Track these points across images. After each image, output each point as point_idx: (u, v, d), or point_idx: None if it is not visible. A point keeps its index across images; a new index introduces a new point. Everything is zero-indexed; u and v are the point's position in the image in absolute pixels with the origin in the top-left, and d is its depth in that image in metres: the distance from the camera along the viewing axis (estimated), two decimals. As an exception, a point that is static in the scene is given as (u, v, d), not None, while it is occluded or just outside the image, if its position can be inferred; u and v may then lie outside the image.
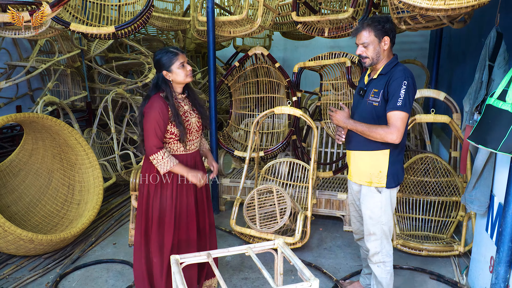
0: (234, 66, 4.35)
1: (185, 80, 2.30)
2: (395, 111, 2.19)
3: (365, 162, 2.39)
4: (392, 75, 2.26)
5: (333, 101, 4.34)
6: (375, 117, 2.31)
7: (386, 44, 2.30)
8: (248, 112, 4.69)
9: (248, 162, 3.60)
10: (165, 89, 2.27)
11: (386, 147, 2.31)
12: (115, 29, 3.07)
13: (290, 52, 8.57)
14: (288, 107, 3.42)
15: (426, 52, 6.96)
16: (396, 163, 2.36)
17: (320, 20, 3.70)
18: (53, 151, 3.80)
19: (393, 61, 2.34)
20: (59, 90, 5.22)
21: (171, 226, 2.36)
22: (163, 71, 2.28)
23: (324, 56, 3.98)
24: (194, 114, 2.41)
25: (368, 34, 2.29)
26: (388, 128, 2.20)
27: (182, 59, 2.28)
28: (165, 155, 2.26)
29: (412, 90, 2.23)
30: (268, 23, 4.27)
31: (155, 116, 2.20)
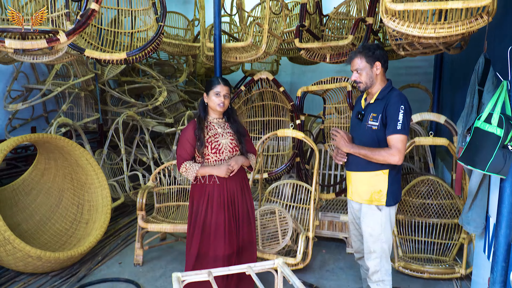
0: (240, 90, 4.52)
1: (215, 108, 2.58)
2: (396, 134, 2.31)
3: (365, 182, 2.48)
4: (389, 100, 2.38)
5: (336, 124, 4.44)
6: (376, 140, 2.42)
7: (378, 69, 2.44)
8: (254, 135, 4.81)
9: (252, 183, 3.69)
10: (200, 109, 2.60)
11: (385, 167, 2.41)
12: (126, 55, 3.26)
13: (297, 77, 8.75)
14: (290, 130, 3.53)
15: (431, 76, 7.07)
16: (395, 182, 2.46)
17: (322, 46, 3.86)
18: (65, 171, 3.95)
19: (388, 86, 2.47)
20: (73, 112, 5.43)
21: (198, 238, 2.58)
22: (204, 92, 2.62)
23: (326, 81, 4.12)
24: (228, 136, 2.61)
25: (360, 60, 2.44)
26: (391, 150, 2.31)
27: (220, 89, 2.56)
28: (187, 165, 2.56)
29: (409, 113, 2.36)
30: (273, 49, 4.44)
31: (183, 135, 2.58)
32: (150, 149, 5.27)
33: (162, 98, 5.62)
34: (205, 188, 2.61)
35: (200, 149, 2.54)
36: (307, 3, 4.36)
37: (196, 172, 2.55)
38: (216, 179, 2.59)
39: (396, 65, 6.76)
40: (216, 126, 2.63)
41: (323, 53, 4.02)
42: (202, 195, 2.61)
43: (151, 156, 5.25)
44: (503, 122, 2.07)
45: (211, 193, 2.60)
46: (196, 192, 2.65)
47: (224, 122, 2.68)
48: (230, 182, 2.62)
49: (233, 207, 2.64)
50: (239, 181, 2.68)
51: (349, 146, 2.46)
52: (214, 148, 2.56)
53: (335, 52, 3.95)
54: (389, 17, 2.58)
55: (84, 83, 5.40)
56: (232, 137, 2.64)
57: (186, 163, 2.57)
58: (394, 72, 7.49)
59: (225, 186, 2.61)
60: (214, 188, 2.59)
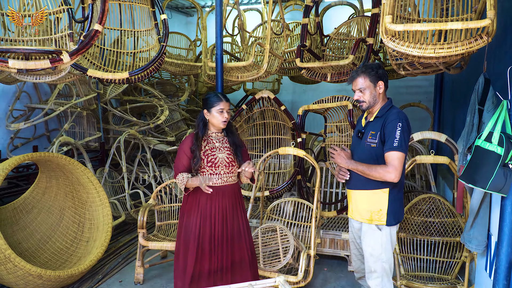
0: (241, 108, 4.57)
1: (219, 125, 2.62)
2: (392, 151, 2.32)
3: (365, 201, 2.49)
4: (387, 117, 2.41)
5: (337, 142, 4.47)
6: (374, 158, 2.44)
7: (381, 88, 2.47)
8: (256, 153, 4.85)
9: (253, 201, 3.71)
10: (199, 125, 2.61)
11: (385, 186, 2.41)
12: (129, 74, 3.32)
13: (298, 95, 8.82)
14: (291, 148, 3.57)
15: (431, 95, 7.16)
16: (396, 202, 2.45)
17: (323, 66, 3.93)
18: (66, 189, 3.98)
19: (387, 104, 2.50)
20: (75, 131, 5.48)
21: (194, 255, 2.56)
22: (204, 109, 2.63)
23: (327, 100, 4.17)
24: (225, 150, 2.64)
25: (363, 80, 2.48)
26: (387, 168, 2.32)
27: (223, 106, 2.60)
28: (179, 176, 2.57)
29: (407, 131, 2.37)
30: (274, 68, 4.51)
31: (181, 147, 2.61)
32: (151, 168, 5.28)
33: (164, 117, 5.67)
34: (198, 201, 2.61)
35: (195, 166, 2.57)
36: (308, 24, 4.45)
37: (185, 183, 2.56)
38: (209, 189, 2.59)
39: (397, 84, 6.84)
40: (215, 140, 2.66)
41: (324, 72, 4.08)
42: (194, 208, 2.62)
43: (152, 175, 5.26)
44: (503, 140, 2.10)
45: (203, 207, 2.60)
46: (188, 203, 2.65)
47: (223, 136, 2.71)
48: (223, 197, 2.63)
49: (225, 223, 2.63)
50: (232, 196, 2.68)
51: (348, 162, 2.48)
52: (210, 162, 2.59)
53: (336, 71, 4.01)
54: (389, 37, 2.62)
55: (86, 102, 5.48)
56: (229, 151, 2.66)
57: (180, 174, 2.59)
58: (395, 91, 7.57)
59: (218, 201, 2.61)
60: (206, 202, 2.60)
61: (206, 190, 2.50)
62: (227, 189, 2.67)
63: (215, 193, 2.60)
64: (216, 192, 2.61)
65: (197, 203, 2.61)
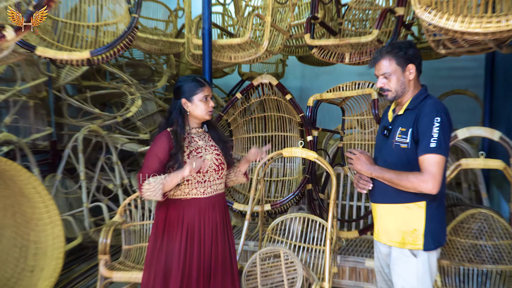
0: (235, 98, 4.57)
1: (204, 116, 2.64)
2: (429, 154, 2.31)
3: (395, 218, 2.48)
4: (422, 110, 2.41)
5: (358, 141, 4.46)
6: (406, 162, 2.42)
7: (411, 73, 2.49)
8: (253, 155, 4.85)
9: (249, 217, 3.69)
10: (177, 121, 2.59)
11: (421, 198, 2.41)
12: (90, 54, 3.30)
13: (309, 81, 8.84)
14: (299, 148, 3.56)
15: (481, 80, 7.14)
16: (435, 219, 2.44)
17: (339, 43, 3.93)
18: (5, 202, 3.94)
19: (422, 93, 2.50)
20: (19, 126, 5.44)
21: None
22: (182, 98, 2.62)
23: (346, 87, 4.18)
24: (212, 150, 2.67)
25: (388, 63, 2.48)
26: (422, 176, 2.31)
27: (207, 92, 2.63)
28: (150, 179, 2.49)
29: (448, 127, 2.36)
30: (278, 47, 4.51)
31: (152, 149, 2.56)
32: (118, 174, 5.30)
33: (135, 108, 5.68)
34: (182, 217, 2.58)
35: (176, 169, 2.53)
36: (321, -11, 4.45)
37: (163, 187, 2.47)
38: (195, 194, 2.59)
39: (436, 66, 6.82)
40: (197, 138, 2.68)
41: (341, 52, 4.06)
42: (176, 227, 2.58)
43: (119, 183, 5.28)
44: None
45: (190, 224, 2.58)
46: (167, 220, 2.60)
47: (203, 132, 2.74)
48: (214, 211, 2.64)
49: (214, 245, 2.64)
50: (222, 210, 2.71)
51: (370, 168, 2.49)
52: None
53: (356, 50, 3.99)
54: (423, 7, 2.61)
55: (34, 89, 5.44)
56: (217, 151, 2.70)
57: (149, 179, 2.51)
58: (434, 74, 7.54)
59: (209, 216, 2.61)
60: (195, 216, 2.59)
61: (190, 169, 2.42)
62: (218, 200, 2.69)
63: (204, 205, 2.61)
64: (206, 204, 2.62)
65: (180, 219, 2.59)
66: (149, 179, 2.51)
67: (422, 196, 2.39)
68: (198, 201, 2.61)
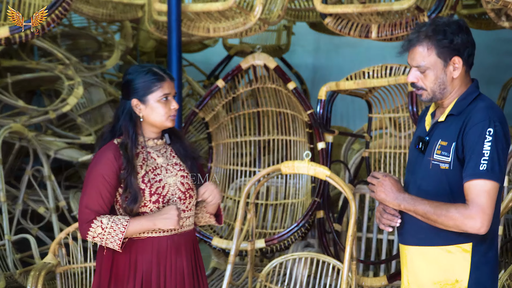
0: (215, 87, 4.62)
1: (164, 123, 2.66)
2: (477, 179, 2.34)
3: (430, 265, 2.53)
4: (470, 117, 2.43)
5: (391, 150, 4.52)
6: (447, 190, 2.47)
7: (456, 68, 2.49)
8: (241, 168, 4.93)
9: (234, 259, 3.75)
10: (127, 130, 2.62)
11: (466, 239, 2.45)
12: (9, 31, 3.39)
13: (326, 56, 8.89)
14: (305, 162, 3.60)
15: None
16: (484, 267, 2.50)
17: (362, 11, 4.01)
18: None
19: (470, 93, 2.53)
20: None
21: None
22: (133, 98, 2.63)
23: (373, 73, 4.22)
24: (175, 171, 2.71)
25: (426, 51, 2.49)
26: (467, 209, 2.34)
27: (168, 89, 2.64)
28: (104, 220, 2.55)
29: (504, 142, 2.40)
30: (277, 14, 4.57)
31: (95, 168, 2.59)
32: (51, 193, 5.30)
33: (75, 100, 5.70)
34: (134, 263, 2.64)
35: (133, 206, 2.58)
36: None
37: (124, 229, 2.55)
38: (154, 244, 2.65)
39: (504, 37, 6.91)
40: (154, 154, 2.71)
41: (366, 23, 4.15)
42: (127, 278, 2.64)
43: (53, 206, 5.27)
44: None
45: (146, 274, 2.64)
46: (113, 268, 2.67)
47: (164, 144, 2.76)
48: (178, 254, 2.69)
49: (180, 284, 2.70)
50: (190, 252, 2.74)
51: (398, 197, 2.50)
52: (155, 193, 2.63)
53: (386, 21, 4.08)
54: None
55: None
56: (183, 172, 2.73)
57: (102, 218, 2.56)
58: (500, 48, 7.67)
59: (170, 261, 2.66)
60: (151, 264, 2.64)
61: (179, 220, 2.57)
62: (185, 239, 2.73)
63: (165, 247, 2.65)
64: (167, 245, 2.66)
65: (132, 266, 2.65)
66: (101, 218, 2.56)
67: (467, 237, 2.42)
68: (157, 242, 2.65)
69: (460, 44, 2.48)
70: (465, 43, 2.49)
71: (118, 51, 6.74)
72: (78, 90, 5.82)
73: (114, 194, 2.62)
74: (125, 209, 2.60)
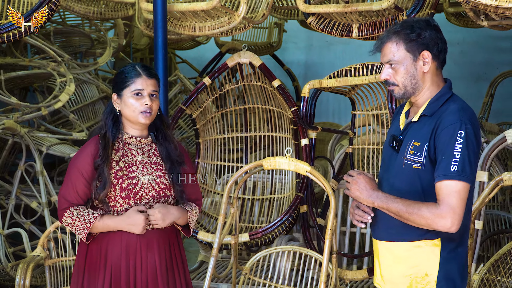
0: (202, 84, 4.71)
1: (136, 118, 2.73)
2: (448, 180, 2.38)
3: (401, 260, 2.59)
4: (442, 119, 2.47)
5: (374, 146, 4.58)
6: (419, 189, 2.52)
7: (426, 63, 2.53)
8: (228, 164, 5.00)
9: (216, 253, 3.80)
10: (105, 120, 2.75)
11: (435, 235, 2.51)
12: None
13: (318, 53, 8.93)
14: (286, 158, 3.64)
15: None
16: (453, 261, 2.56)
17: (344, 11, 4.08)
18: None
19: (443, 94, 2.57)
20: None
21: None
22: (113, 92, 2.80)
23: (355, 71, 4.30)
24: (152, 170, 2.79)
25: (395, 46, 2.55)
26: (438, 209, 2.38)
27: (141, 85, 2.72)
28: (75, 213, 2.69)
29: (474, 144, 2.44)
30: (261, 13, 4.63)
31: (74, 163, 2.73)
32: (43, 188, 5.33)
33: (67, 96, 5.73)
34: (105, 254, 2.73)
35: (101, 192, 2.67)
36: None
37: (89, 225, 2.66)
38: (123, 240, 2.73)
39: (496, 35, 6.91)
40: (135, 151, 2.80)
41: (347, 22, 4.22)
42: (98, 268, 2.73)
43: (45, 201, 5.30)
44: None
45: (115, 267, 2.72)
46: (88, 256, 2.77)
47: (149, 143, 2.85)
48: (149, 252, 2.75)
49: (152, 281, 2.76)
50: (164, 250, 2.80)
51: (372, 195, 2.54)
52: (126, 190, 2.71)
53: (366, 21, 4.15)
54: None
55: None
56: (160, 171, 2.80)
57: (74, 210, 2.69)
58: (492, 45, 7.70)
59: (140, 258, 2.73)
60: (121, 257, 2.72)
61: (145, 227, 2.68)
62: (157, 236, 2.79)
63: (134, 243, 2.73)
64: (136, 241, 2.73)
65: (103, 257, 2.75)
66: (72, 209, 2.69)
67: (436, 233, 2.47)
68: (126, 237, 2.73)
69: (428, 38, 2.53)
70: (434, 38, 2.54)
71: (110, 48, 6.77)
72: (70, 87, 5.86)
73: (89, 187, 2.70)
74: (94, 194, 2.69)
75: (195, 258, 5.63)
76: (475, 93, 7.52)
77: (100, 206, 2.74)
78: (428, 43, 2.54)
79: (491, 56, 8.22)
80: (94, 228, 2.68)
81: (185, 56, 8.79)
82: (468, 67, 7.80)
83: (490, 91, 7.22)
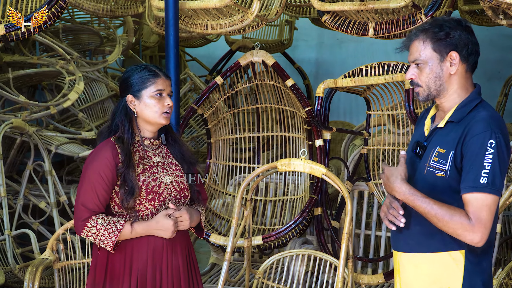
0: (214, 83, 4.65)
1: (157, 120, 2.70)
2: (478, 193, 2.31)
3: (422, 272, 2.52)
4: (471, 126, 2.38)
5: (390, 147, 4.51)
6: (439, 196, 2.42)
7: (453, 64, 2.44)
8: (240, 164, 4.94)
9: (230, 256, 3.76)
10: (123, 125, 2.69)
11: (459, 246, 2.43)
12: (5, 29, 3.40)
13: (329, 51, 8.89)
14: (301, 160, 3.59)
15: None
16: (478, 274, 2.47)
17: (359, 9, 4.01)
18: None
19: (471, 100, 2.48)
20: None
21: None
22: (128, 94, 2.71)
23: (370, 70, 4.24)
24: (172, 170, 2.76)
25: (422, 44, 2.48)
26: (470, 222, 2.30)
27: (162, 86, 2.70)
28: (99, 220, 2.60)
29: (505, 155, 2.36)
30: (274, 11, 4.57)
31: (92, 166, 2.64)
32: (52, 187, 5.30)
33: (76, 95, 5.71)
34: (130, 262, 2.69)
35: (130, 199, 2.62)
36: None
37: (118, 233, 2.60)
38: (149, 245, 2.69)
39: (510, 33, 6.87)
40: (151, 153, 2.76)
41: (363, 20, 4.16)
42: (122, 277, 2.68)
43: (54, 201, 5.29)
44: None
45: (141, 273, 2.68)
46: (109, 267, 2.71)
47: (159, 144, 2.81)
48: (174, 254, 2.73)
49: None
50: (185, 252, 2.79)
51: (403, 186, 2.43)
52: (151, 192, 2.67)
53: (383, 19, 4.09)
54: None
55: None
56: (178, 172, 2.78)
57: (98, 219, 2.63)
58: (505, 44, 7.62)
59: (166, 261, 2.71)
60: (147, 264, 2.68)
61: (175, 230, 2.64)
62: (180, 238, 2.76)
63: (160, 246, 2.69)
64: (163, 244, 2.70)
65: (127, 265, 2.70)
66: (95, 218, 2.61)
67: (460, 243, 2.40)
68: (153, 241, 2.68)
69: (458, 39, 2.44)
70: (464, 39, 2.45)
71: (119, 46, 6.78)
72: (79, 86, 5.85)
73: (110, 193, 2.66)
74: (122, 202, 2.63)
75: (206, 260, 5.60)
76: (489, 92, 7.43)
77: (121, 212, 2.69)
78: (457, 43, 2.45)
79: (505, 54, 8.17)
80: (121, 236, 2.62)
81: (195, 54, 8.78)
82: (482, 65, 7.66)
83: (504, 90, 7.18)
